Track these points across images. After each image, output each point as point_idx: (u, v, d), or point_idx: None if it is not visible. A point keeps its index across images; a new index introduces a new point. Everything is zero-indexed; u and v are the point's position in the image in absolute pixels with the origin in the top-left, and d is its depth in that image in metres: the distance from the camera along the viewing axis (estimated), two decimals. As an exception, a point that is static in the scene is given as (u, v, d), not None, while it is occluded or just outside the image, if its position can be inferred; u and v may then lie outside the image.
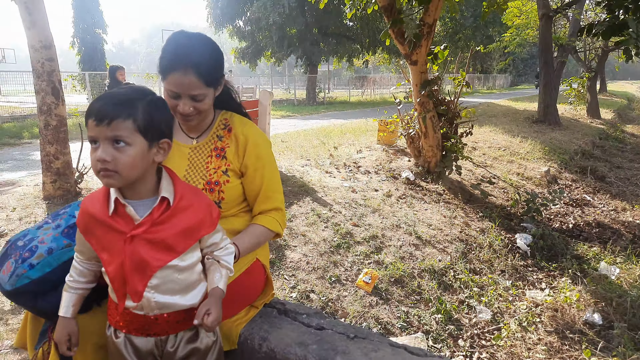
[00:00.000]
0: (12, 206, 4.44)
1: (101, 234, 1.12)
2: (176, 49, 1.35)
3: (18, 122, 12.18)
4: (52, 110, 4.52)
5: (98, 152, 1.05)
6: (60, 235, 1.33)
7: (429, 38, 5.40)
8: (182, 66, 1.32)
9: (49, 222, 1.38)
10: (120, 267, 1.10)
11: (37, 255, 1.28)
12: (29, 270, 1.26)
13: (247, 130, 1.53)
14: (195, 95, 1.36)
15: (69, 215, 1.40)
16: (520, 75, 48.82)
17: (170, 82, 1.35)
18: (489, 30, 26.48)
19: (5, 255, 1.31)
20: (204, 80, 1.35)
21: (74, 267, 1.21)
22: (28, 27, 4.36)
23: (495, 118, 12.91)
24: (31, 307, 1.33)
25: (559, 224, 5.49)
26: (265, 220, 1.51)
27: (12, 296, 1.29)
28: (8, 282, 1.26)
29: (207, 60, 1.36)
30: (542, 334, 3.11)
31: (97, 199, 1.14)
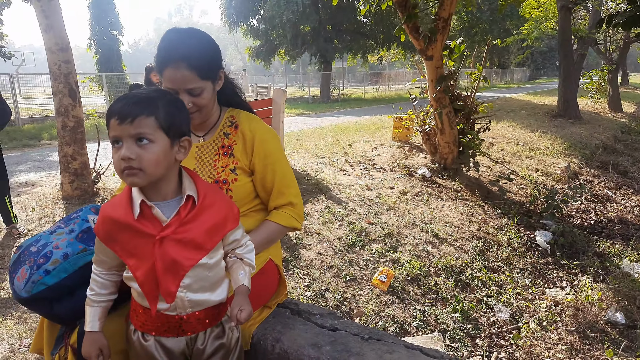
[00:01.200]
0: (31, 206, 4.53)
1: (127, 239, 1.10)
2: (167, 44, 1.34)
3: (37, 123, 12.43)
4: (69, 112, 4.58)
5: (122, 151, 1.05)
6: (75, 240, 1.33)
7: (444, 33, 5.32)
8: (173, 61, 1.31)
9: (62, 227, 1.38)
10: (151, 270, 1.09)
11: (53, 261, 1.27)
12: (45, 276, 1.25)
13: (254, 126, 1.50)
14: (192, 89, 1.34)
15: (82, 220, 1.40)
16: (539, 69, 47.92)
17: (165, 78, 1.34)
18: (506, 24, 26.05)
19: (19, 262, 1.30)
20: (198, 72, 1.33)
21: (94, 280, 1.19)
22: (45, 30, 4.42)
23: (513, 113, 12.69)
24: (46, 313, 1.32)
25: (580, 221, 5.36)
26: (279, 216, 1.49)
27: (27, 303, 1.28)
28: (24, 289, 1.25)
29: (198, 53, 1.34)
30: (562, 334, 3.04)
31: (119, 204, 1.12)
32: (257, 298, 1.49)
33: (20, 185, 5.81)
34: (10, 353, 2.29)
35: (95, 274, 1.19)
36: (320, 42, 21.92)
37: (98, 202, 4.65)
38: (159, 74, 1.36)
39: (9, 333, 2.48)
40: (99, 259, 1.17)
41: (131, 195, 1.12)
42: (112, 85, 14.99)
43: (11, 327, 2.53)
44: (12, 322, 2.60)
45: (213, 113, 1.50)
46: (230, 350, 1.24)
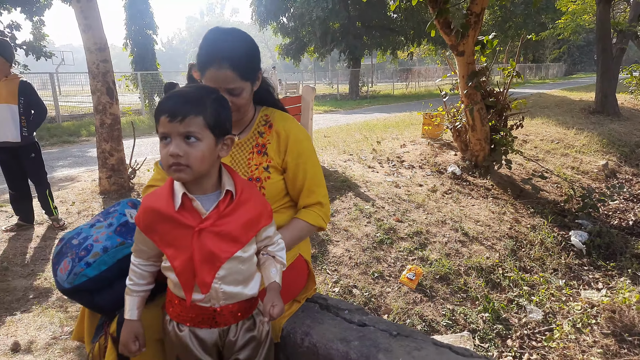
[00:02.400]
0: (71, 200, 4.72)
1: (167, 230, 1.15)
2: (210, 44, 1.36)
3: (76, 120, 12.91)
4: (107, 110, 4.75)
5: (171, 148, 1.10)
6: (114, 234, 1.38)
7: (476, 28, 5.22)
8: (217, 60, 1.33)
9: (101, 221, 1.43)
10: (189, 261, 1.14)
11: (93, 253, 1.32)
12: (86, 268, 1.31)
13: (288, 126, 1.53)
14: (232, 89, 1.37)
15: (120, 214, 1.45)
16: (576, 64, 46.24)
17: (207, 77, 1.36)
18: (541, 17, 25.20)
19: (61, 254, 1.36)
20: (240, 73, 1.36)
21: (133, 270, 1.24)
22: (84, 30, 4.59)
23: (548, 109, 12.32)
24: (87, 303, 1.38)
25: (617, 221, 5.17)
26: (308, 215, 1.51)
27: (70, 294, 1.35)
28: (67, 280, 1.31)
29: (241, 54, 1.37)
30: (598, 337, 2.95)
31: (161, 195, 1.17)
32: (286, 292, 1.52)
33: (60, 180, 6.06)
34: (52, 340, 2.41)
35: (134, 265, 1.24)
36: (349, 38, 21.84)
37: (133, 196, 4.81)
38: (200, 73, 1.39)
39: (51, 321, 2.60)
40: (138, 248, 1.22)
41: (173, 188, 1.16)
42: (147, 83, 15.38)
43: (53, 315, 2.66)
44: (53, 310, 2.73)
45: (248, 112, 1.53)
46: (260, 342, 1.28)
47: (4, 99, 3.75)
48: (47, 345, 2.35)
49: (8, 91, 3.77)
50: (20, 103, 3.83)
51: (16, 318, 2.66)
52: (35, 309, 2.74)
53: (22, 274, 3.25)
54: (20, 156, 3.90)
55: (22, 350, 2.32)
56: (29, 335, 2.46)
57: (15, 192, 3.99)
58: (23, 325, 2.57)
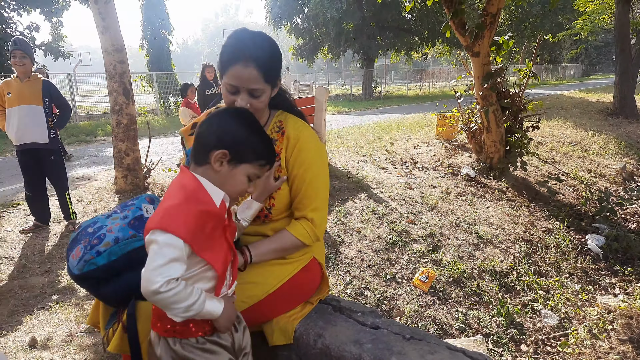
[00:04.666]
0: (88, 199, 4.79)
1: (212, 230, 1.14)
2: (238, 42, 1.37)
3: (93, 120, 13.11)
4: (123, 110, 4.81)
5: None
6: (127, 226, 1.40)
7: (492, 28, 5.17)
8: (243, 58, 1.33)
9: (118, 212, 1.46)
10: (226, 257, 1.18)
11: (105, 243, 1.35)
12: (96, 257, 1.33)
13: (299, 133, 1.50)
14: (254, 89, 1.36)
15: (136, 208, 1.47)
16: (594, 65, 45.49)
17: (230, 75, 1.35)
18: (558, 18, 24.87)
19: (76, 241, 1.40)
20: (264, 75, 1.35)
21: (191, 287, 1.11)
22: (101, 31, 4.66)
23: (564, 111, 12.14)
24: (94, 291, 1.41)
25: (636, 225, 5.07)
26: (294, 227, 1.46)
27: (78, 280, 1.38)
28: (77, 266, 1.34)
29: (267, 56, 1.37)
30: (614, 343, 2.90)
31: (205, 197, 1.15)
32: (300, 294, 1.52)
33: (77, 179, 6.16)
34: (68, 337, 2.45)
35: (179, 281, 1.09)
36: (363, 39, 21.81)
37: (148, 196, 4.86)
38: (222, 71, 1.38)
39: (67, 318, 2.65)
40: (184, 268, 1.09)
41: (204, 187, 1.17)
42: (162, 84, 15.55)
43: (69, 313, 2.70)
44: (70, 307, 2.77)
45: (263, 116, 1.53)
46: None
47: (28, 100, 3.77)
48: (64, 342, 2.40)
49: (32, 92, 3.79)
50: (45, 104, 3.87)
51: (34, 315, 2.71)
52: (52, 306, 2.79)
53: (39, 271, 3.31)
54: (42, 158, 3.95)
55: (39, 346, 2.37)
56: (46, 332, 2.50)
57: (32, 193, 4.03)
58: (40, 322, 2.62)
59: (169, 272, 1.03)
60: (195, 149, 1.21)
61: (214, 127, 1.19)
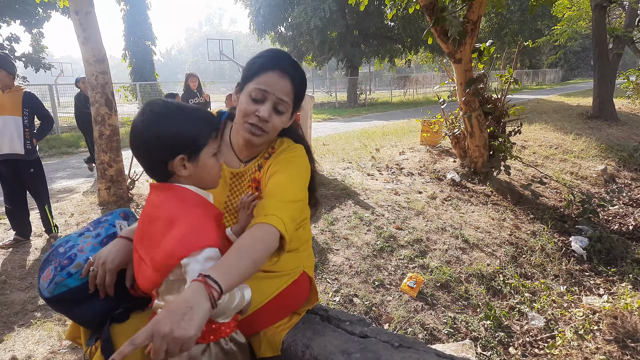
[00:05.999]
0: (70, 212, 4.71)
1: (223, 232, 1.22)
2: (276, 54, 1.35)
3: (75, 132, 12.90)
4: (105, 121, 4.75)
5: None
6: (99, 245, 1.34)
7: (473, 35, 5.25)
8: (281, 68, 1.30)
9: (90, 230, 1.40)
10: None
11: (76, 264, 1.29)
12: (67, 278, 1.27)
13: (282, 152, 1.40)
14: (282, 101, 1.31)
15: (109, 225, 1.42)
16: (573, 69, 46.43)
17: (262, 81, 1.30)
18: (537, 24, 25.40)
19: (47, 261, 1.33)
20: (294, 93, 1.33)
21: None
22: (82, 42, 4.61)
23: (545, 115, 12.36)
24: (67, 314, 1.35)
25: (618, 226, 5.16)
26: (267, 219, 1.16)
27: (50, 302, 1.31)
28: (47, 289, 1.28)
29: (300, 76, 1.35)
30: (600, 343, 2.93)
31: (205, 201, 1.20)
32: (289, 306, 1.50)
33: (59, 191, 6.05)
34: (50, 354, 2.39)
35: None
36: (347, 47, 21.97)
37: (132, 207, 4.80)
38: (250, 78, 1.33)
39: (50, 334, 2.58)
40: None
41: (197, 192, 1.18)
42: (145, 94, 15.44)
43: (51, 329, 2.64)
44: (52, 323, 2.71)
45: (265, 144, 1.43)
46: None
47: (8, 111, 3.74)
48: (46, 359, 2.33)
49: (12, 103, 3.76)
50: (25, 115, 3.82)
51: (14, 332, 2.64)
52: (34, 323, 2.72)
53: (20, 287, 3.23)
54: (20, 169, 3.88)
55: (21, 364, 2.30)
56: (27, 350, 2.44)
57: (11, 206, 3.96)
58: (21, 340, 2.55)
59: None
60: (153, 173, 1.16)
61: (149, 144, 1.12)
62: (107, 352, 1.25)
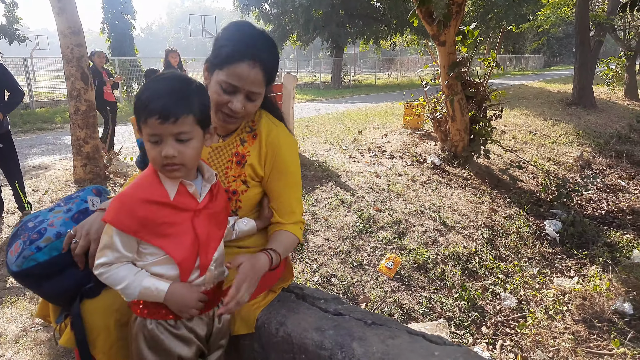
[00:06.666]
0: (44, 189, 4.60)
1: (163, 220, 1.12)
2: (245, 38, 1.27)
3: (51, 107, 12.55)
4: (81, 96, 4.62)
5: (164, 149, 1.08)
6: (70, 220, 1.33)
7: (458, 18, 5.23)
8: (251, 58, 1.24)
9: (61, 206, 1.38)
10: (192, 245, 1.15)
11: (45, 238, 1.27)
12: (36, 252, 1.25)
13: (272, 138, 1.42)
14: (253, 93, 1.28)
15: (81, 200, 1.40)
16: (555, 56, 46.91)
17: (231, 73, 1.25)
18: (522, 9, 25.45)
19: (15, 236, 1.31)
20: (266, 78, 1.28)
21: (130, 267, 1.14)
22: (57, 13, 4.44)
23: (526, 100, 12.51)
24: (36, 289, 1.33)
25: (591, 211, 5.31)
26: (295, 229, 1.46)
27: (17, 277, 1.29)
28: (14, 263, 1.26)
29: (272, 59, 1.29)
30: (569, 323, 3.03)
31: (152, 186, 1.14)
32: (263, 283, 1.50)
33: (33, 168, 5.90)
34: (22, 332, 2.36)
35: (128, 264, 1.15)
36: (332, 27, 21.69)
37: (109, 185, 4.72)
38: (219, 66, 1.28)
39: (22, 312, 2.55)
40: (116, 256, 1.12)
41: (158, 177, 1.15)
42: (125, 69, 15.03)
43: (24, 307, 2.60)
44: (24, 301, 2.66)
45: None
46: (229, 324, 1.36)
47: None
48: (17, 337, 2.30)
49: None
50: None
51: (-14, 309, 2.59)
52: (5, 301, 2.68)
53: (-8, 265, 3.16)
54: None
55: (-8, 342, 2.27)
56: (-1, 327, 2.40)
57: None
58: (-7, 317, 2.51)
59: (100, 258, 1.12)
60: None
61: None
62: (77, 328, 1.25)
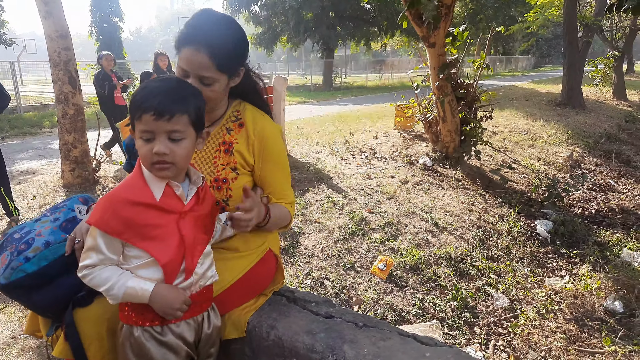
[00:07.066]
0: (32, 194, 4.54)
1: (148, 221, 1.11)
2: (195, 24, 1.28)
3: (39, 111, 12.42)
4: (69, 99, 4.57)
5: (155, 146, 1.08)
6: (58, 229, 1.31)
7: (447, 19, 5.26)
8: (196, 42, 1.25)
9: (47, 215, 1.37)
10: (178, 247, 1.13)
11: (34, 248, 1.25)
12: (25, 263, 1.23)
13: (259, 127, 1.43)
14: (205, 77, 1.27)
15: (68, 209, 1.39)
16: (544, 57, 47.35)
17: (181, 57, 1.27)
18: (511, 10, 25.70)
19: (1, 248, 1.29)
20: (217, 63, 1.26)
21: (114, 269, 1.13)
22: (44, 16, 4.40)
23: (516, 101, 12.60)
24: (25, 301, 1.31)
25: (581, 210, 5.35)
26: (287, 206, 1.49)
27: (5, 290, 1.26)
28: (2, 275, 1.23)
29: (224, 43, 1.28)
30: (560, 322, 3.05)
31: (138, 187, 1.13)
32: (255, 286, 1.49)
33: (21, 173, 5.83)
34: (11, 339, 2.32)
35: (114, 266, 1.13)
36: (322, 29, 21.72)
37: (99, 190, 4.67)
38: (176, 50, 1.30)
39: (10, 319, 2.50)
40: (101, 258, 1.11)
41: (144, 179, 1.14)
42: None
43: (12, 314, 2.55)
44: (13, 308, 2.62)
45: (220, 106, 1.45)
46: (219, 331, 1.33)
47: None
48: (5, 345, 2.26)
49: None
50: None
51: (-28, 317, 2.54)
52: (-7, 308, 2.63)
53: (-21, 272, 3.11)
54: None
55: (-22, 351, 2.22)
56: (-14, 335, 2.36)
57: None
58: (-20, 325, 2.46)
59: (84, 260, 1.11)
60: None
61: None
62: (72, 337, 1.22)
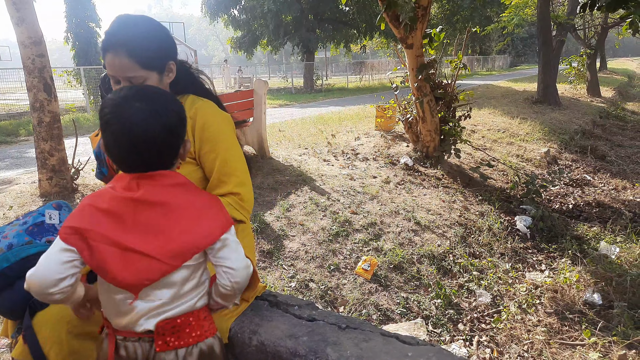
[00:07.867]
0: (8, 204, 4.43)
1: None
2: (111, 29, 1.30)
3: (15, 119, 12.14)
4: (44, 107, 4.48)
5: None
6: (24, 232, 1.33)
7: (424, 21, 5.32)
8: (114, 46, 1.28)
9: (20, 219, 1.39)
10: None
11: None
12: None
13: (194, 112, 1.41)
14: (131, 77, 1.30)
15: (38, 214, 1.40)
16: (520, 56, 48.33)
17: (107, 63, 1.30)
18: (487, 11, 26.12)
19: None
20: (138, 61, 1.29)
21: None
22: (17, 23, 4.30)
23: (494, 100, 12.81)
24: None
25: (558, 205, 5.46)
26: (230, 200, 1.39)
27: None
28: None
29: (141, 41, 1.30)
30: (541, 316, 3.11)
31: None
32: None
33: (-3, 183, 5.68)
34: (-12, 354, 2.26)
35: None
36: (302, 31, 21.76)
37: (77, 198, 4.58)
38: (103, 61, 1.33)
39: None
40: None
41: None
42: (91, 79, 14.66)
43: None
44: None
45: None
46: None
47: None
48: (-18, 360, 2.20)
49: None
50: None
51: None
52: (-32, 323, 2.56)
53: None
54: None
55: (-46, 367, 2.16)
56: (-38, 351, 2.29)
57: None
58: (-45, 341, 2.39)
59: None
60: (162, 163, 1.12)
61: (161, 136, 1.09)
62: (30, 340, 1.22)
